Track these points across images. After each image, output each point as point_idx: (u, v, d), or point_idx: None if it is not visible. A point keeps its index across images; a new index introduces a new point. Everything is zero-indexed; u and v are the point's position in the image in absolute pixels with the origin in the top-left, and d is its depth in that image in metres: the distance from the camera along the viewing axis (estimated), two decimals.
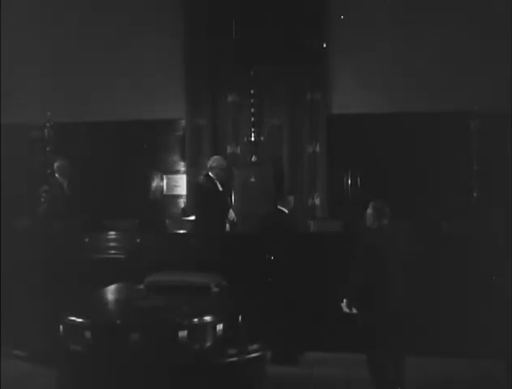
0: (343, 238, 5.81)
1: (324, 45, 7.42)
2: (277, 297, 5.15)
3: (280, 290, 5.22)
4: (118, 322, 3.75)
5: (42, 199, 6.66)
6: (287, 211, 5.83)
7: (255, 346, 3.75)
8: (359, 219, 4.65)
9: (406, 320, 4.23)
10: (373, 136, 7.23)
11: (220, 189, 6.26)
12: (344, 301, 4.23)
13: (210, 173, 6.26)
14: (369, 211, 4.33)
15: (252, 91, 7.55)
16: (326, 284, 5.22)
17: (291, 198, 5.96)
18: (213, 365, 3.64)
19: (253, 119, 7.58)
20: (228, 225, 6.32)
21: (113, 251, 6.22)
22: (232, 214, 6.36)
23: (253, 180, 7.30)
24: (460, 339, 5.13)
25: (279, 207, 5.85)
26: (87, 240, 6.25)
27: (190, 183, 7.62)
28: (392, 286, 4.15)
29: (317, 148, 7.47)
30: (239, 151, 7.68)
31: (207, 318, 3.68)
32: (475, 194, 6.70)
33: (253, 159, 7.56)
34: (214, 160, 6.34)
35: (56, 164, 6.84)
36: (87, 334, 3.59)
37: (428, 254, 5.60)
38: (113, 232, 6.38)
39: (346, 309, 4.22)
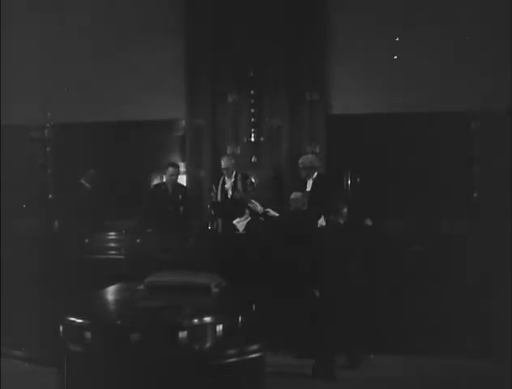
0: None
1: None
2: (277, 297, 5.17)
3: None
4: (118, 322, 3.74)
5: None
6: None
7: (255, 346, 3.75)
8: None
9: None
10: (373, 136, 7.23)
11: (307, 189, 6.27)
12: None
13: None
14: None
15: (252, 92, 7.54)
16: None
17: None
18: (213, 365, 3.64)
19: (253, 119, 7.57)
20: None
21: (113, 251, 6.23)
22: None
23: (253, 180, 7.29)
24: (460, 339, 5.14)
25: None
26: (87, 240, 6.27)
27: None
28: None
29: (317, 148, 7.46)
30: (239, 151, 7.67)
31: (207, 319, 3.68)
32: (475, 194, 6.70)
33: (253, 159, 7.56)
34: (303, 159, 6.40)
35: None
36: (88, 334, 3.59)
37: (427, 254, 5.61)
38: (112, 233, 6.38)
39: None
